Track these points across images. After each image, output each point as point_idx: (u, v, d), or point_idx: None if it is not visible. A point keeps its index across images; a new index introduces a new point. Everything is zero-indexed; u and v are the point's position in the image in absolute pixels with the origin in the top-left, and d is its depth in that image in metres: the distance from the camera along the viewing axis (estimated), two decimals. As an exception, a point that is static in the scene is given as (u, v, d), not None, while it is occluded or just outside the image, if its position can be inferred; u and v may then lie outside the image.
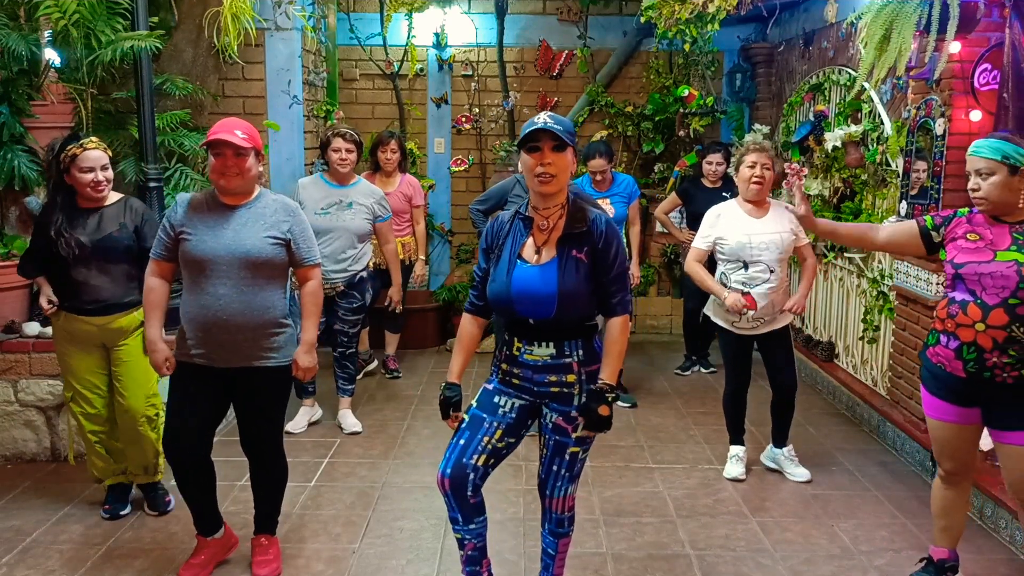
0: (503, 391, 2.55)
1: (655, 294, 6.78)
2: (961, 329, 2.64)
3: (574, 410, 2.48)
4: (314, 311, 3.01)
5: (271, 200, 2.91)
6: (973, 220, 2.74)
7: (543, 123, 2.34)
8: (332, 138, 4.38)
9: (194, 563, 3.00)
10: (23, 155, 4.03)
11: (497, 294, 2.47)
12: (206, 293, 2.79)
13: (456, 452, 2.49)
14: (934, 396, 2.79)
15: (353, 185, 4.45)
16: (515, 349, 2.51)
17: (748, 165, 3.72)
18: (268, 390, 2.93)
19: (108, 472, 3.51)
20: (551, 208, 2.45)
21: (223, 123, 2.79)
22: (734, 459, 4.01)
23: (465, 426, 2.54)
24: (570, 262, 2.41)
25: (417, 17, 6.55)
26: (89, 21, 4.13)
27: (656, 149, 6.74)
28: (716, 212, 3.85)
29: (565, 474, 2.54)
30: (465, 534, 2.56)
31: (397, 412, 4.90)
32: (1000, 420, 2.66)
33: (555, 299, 2.39)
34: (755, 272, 3.72)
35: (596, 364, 2.49)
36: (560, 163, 2.37)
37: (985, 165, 2.61)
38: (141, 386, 3.38)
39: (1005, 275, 2.56)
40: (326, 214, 4.31)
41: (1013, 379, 2.58)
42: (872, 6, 3.56)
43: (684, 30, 5.23)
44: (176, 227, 2.82)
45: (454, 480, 2.47)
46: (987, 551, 3.29)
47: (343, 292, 4.38)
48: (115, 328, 3.33)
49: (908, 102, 4.30)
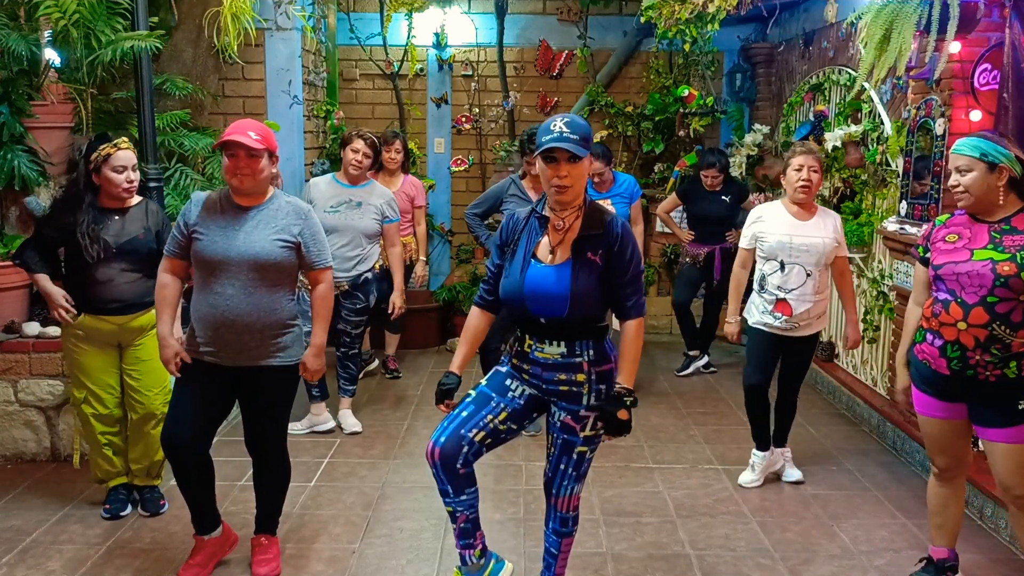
0: (516, 376, 2.56)
1: (655, 294, 6.78)
2: (945, 328, 2.67)
3: (583, 409, 2.48)
4: (324, 314, 3.02)
5: (284, 202, 2.92)
6: (952, 223, 2.79)
7: (559, 134, 2.32)
8: (354, 138, 4.38)
9: (193, 563, 3.00)
10: (23, 155, 4.02)
11: (510, 292, 2.48)
12: (215, 293, 2.80)
13: (455, 423, 2.48)
14: (922, 392, 2.83)
15: (365, 185, 4.46)
16: (526, 346, 2.51)
17: (795, 168, 3.66)
18: (273, 389, 2.94)
19: (113, 474, 3.51)
20: (568, 210, 2.46)
21: (238, 124, 2.80)
22: (753, 466, 3.93)
23: (470, 400, 2.53)
24: (584, 264, 2.42)
25: (417, 17, 6.56)
26: (89, 21, 4.13)
27: (656, 149, 6.74)
28: (759, 212, 3.82)
29: (572, 473, 2.55)
30: (456, 506, 2.51)
31: (397, 412, 4.90)
32: (983, 417, 2.70)
33: (567, 300, 2.39)
34: (792, 275, 3.67)
35: (606, 364, 2.49)
36: (576, 172, 2.38)
37: (964, 162, 2.66)
38: (157, 384, 3.40)
39: (981, 273, 2.59)
40: (336, 212, 4.31)
41: (996, 377, 2.61)
42: (872, 6, 3.56)
43: (684, 30, 5.24)
44: (190, 226, 2.84)
45: (445, 451, 2.43)
46: (987, 551, 3.29)
47: (347, 292, 4.38)
48: (134, 327, 3.35)
49: (908, 102, 4.30)
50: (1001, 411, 2.64)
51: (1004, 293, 2.56)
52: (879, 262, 4.73)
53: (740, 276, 3.89)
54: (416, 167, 6.62)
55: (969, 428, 2.80)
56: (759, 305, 3.79)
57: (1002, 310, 2.57)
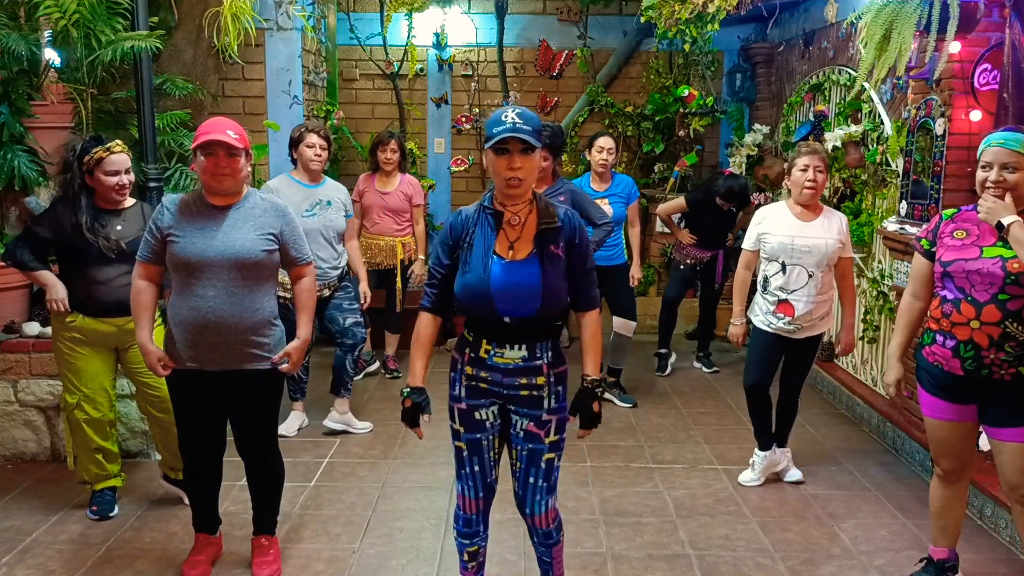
0: (476, 404, 2.46)
1: (655, 294, 6.77)
2: (957, 328, 2.64)
3: (545, 413, 2.43)
4: (310, 305, 3.00)
5: (259, 200, 2.89)
6: (960, 218, 2.75)
7: (512, 125, 2.25)
8: (306, 134, 4.29)
9: (198, 560, 3.01)
10: (23, 155, 4.02)
11: (474, 290, 2.36)
12: (195, 295, 2.76)
13: (479, 478, 2.52)
14: (931, 395, 2.80)
15: (324, 183, 4.41)
16: (483, 352, 2.42)
17: (800, 168, 3.63)
18: (261, 392, 2.93)
19: (101, 477, 3.50)
20: (519, 204, 2.40)
21: (212, 123, 2.76)
22: (754, 465, 3.93)
23: (468, 453, 2.51)
24: (550, 257, 2.38)
25: (417, 17, 6.56)
26: (89, 21, 4.13)
27: (656, 149, 6.74)
28: (763, 213, 3.81)
29: (543, 485, 2.47)
30: (481, 543, 2.63)
31: (397, 412, 4.81)
32: (996, 417, 2.67)
33: (539, 294, 2.34)
34: (794, 276, 3.66)
35: (562, 366, 2.47)
36: (529, 165, 2.31)
37: (1014, 159, 2.57)
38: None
39: (991, 271, 2.57)
40: (312, 215, 4.26)
41: (1011, 376, 2.59)
42: (872, 6, 3.56)
43: (684, 30, 5.23)
44: (164, 230, 2.78)
45: (486, 500, 2.55)
46: (987, 551, 3.29)
47: (337, 286, 4.40)
48: (131, 329, 3.28)
49: (908, 102, 4.30)
50: (1015, 410, 2.62)
51: (1015, 291, 2.54)
52: (879, 262, 4.73)
53: (744, 278, 3.87)
54: (416, 167, 6.62)
55: (975, 430, 2.79)
56: (762, 306, 3.79)
57: (1014, 307, 2.55)
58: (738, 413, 4.91)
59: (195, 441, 2.93)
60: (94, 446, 3.43)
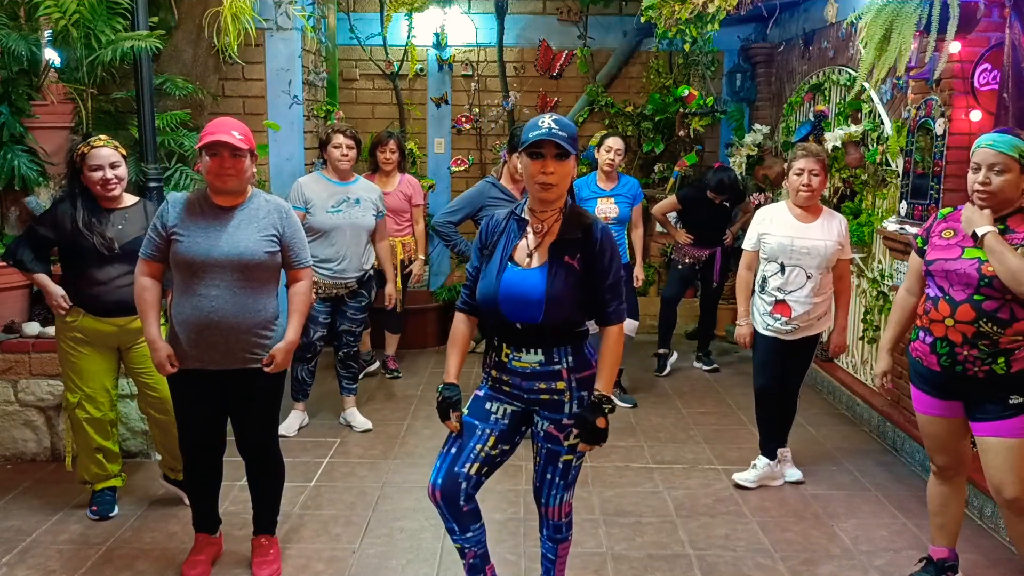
0: (495, 397, 2.50)
1: (655, 294, 6.77)
2: (934, 324, 2.68)
3: (565, 418, 2.43)
4: (303, 309, 2.99)
5: (263, 201, 2.90)
6: (952, 217, 2.77)
7: (548, 129, 2.27)
8: (333, 135, 4.39)
9: (198, 559, 3.02)
10: (23, 155, 4.02)
11: (485, 295, 2.42)
12: (199, 295, 2.77)
13: (447, 461, 2.45)
14: (920, 391, 2.84)
15: (355, 182, 4.46)
16: (503, 355, 2.45)
17: (796, 172, 3.63)
18: (262, 392, 2.93)
19: (102, 477, 3.50)
20: (548, 212, 2.41)
21: (218, 123, 2.76)
22: (754, 467, 3.91)
23: (456, 434, 2.49)
24: (561, 268, 2.36)
25: (417, 17, 6.56)
26: (89, 21, 4.13)
27: (656, 149, 6.74)
28: (764, 213, 3.81)
29: (560, 482, 2.50)
30: (464, 543, 2.51)
31: (397, 412, 4.90)
32: (975, 412, 2.70)
33: (542, 304, 2.34)
34: (792, 277, 3.67)
35: (587, 371, 2.44)
36: (562, 171, 2.32)
37: (1001, 161, 2.56)
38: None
39: (967, 272, 2.59)
40: (339, 212, 4.31)
41: (984, 373, 2.61)
42: (872, 6, 3.56)
43: (684, 30, 5.23)
44: (168, 228, 2.79)
45: (445, 490, 2.43)
46: (987, 551, 3.29)
47: (354, 291, 4.41)
48: (134, 328, 3.30)
49: (908, 102, 4.30)
50: (990, 406, 2.65)
51: (990, 292, 2.56)
52: (879, 262, 4.73)
53: (746, 278, 3.87)
54: (416, 167, 6.62)
55: (967, 427, 2.80)
56: (759, 306, 3.79)
57: (989, 307, 2.57)
58: (738, 413, 4.91)
59: (196, 441, 2.94)
60: (95, 445, 3.43)
